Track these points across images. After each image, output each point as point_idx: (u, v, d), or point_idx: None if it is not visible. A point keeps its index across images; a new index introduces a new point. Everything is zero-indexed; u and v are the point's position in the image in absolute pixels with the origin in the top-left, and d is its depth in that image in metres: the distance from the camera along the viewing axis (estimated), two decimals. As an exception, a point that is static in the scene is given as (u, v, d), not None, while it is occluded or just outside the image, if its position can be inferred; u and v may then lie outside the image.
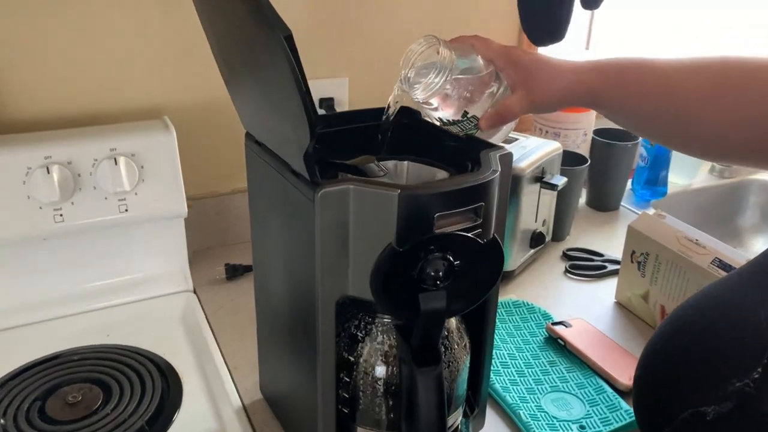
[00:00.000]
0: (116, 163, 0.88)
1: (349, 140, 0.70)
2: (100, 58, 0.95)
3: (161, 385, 0.79)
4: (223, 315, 0.95)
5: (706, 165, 1.47)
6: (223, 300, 0.98)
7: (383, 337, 0.61)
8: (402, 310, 0.55)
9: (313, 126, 0.47)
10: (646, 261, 0.94)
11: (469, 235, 0.53)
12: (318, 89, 1.11)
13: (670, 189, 1.36)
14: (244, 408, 0.77)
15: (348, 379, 0.61)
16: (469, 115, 0.67)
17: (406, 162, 0.68)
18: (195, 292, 1.00)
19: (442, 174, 0.66)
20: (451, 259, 0.52)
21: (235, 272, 1.03)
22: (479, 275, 0.56)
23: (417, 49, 0.64)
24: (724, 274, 0.83)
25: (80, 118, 0.96)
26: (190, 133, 1.03)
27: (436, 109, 0.67)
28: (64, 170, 0.86)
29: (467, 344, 0.65)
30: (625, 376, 0.82)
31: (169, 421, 0.74)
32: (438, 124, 0.68)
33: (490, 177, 0.55)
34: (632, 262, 0.97)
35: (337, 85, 1.13)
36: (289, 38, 0.44)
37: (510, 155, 0.61)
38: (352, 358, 0.61)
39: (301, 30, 1.05)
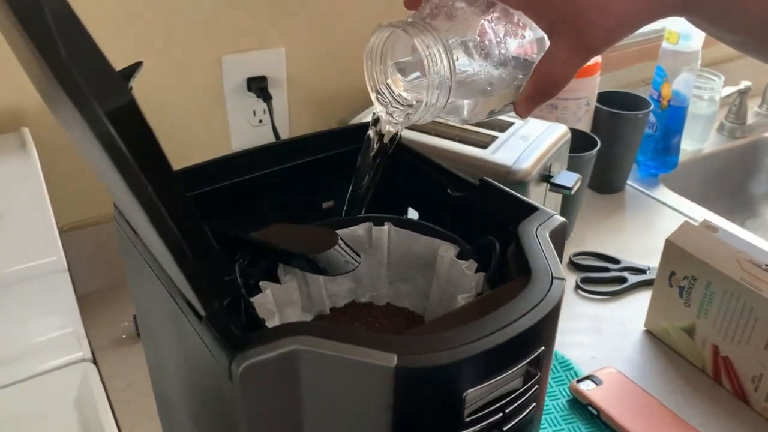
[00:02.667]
0: (-54, 209, 0.59)
1: (292, 192, 0.44)
2: None
3: None
4: (132, 396, 0.69)
5: (716, 123, 1.25)
6: (132, 371, 0.72)
7: None
8: None
9: (206, 298, 0.21)
10: (693, 287, 0.72)
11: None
12: (245, 66, 0.83)
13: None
14: None
15: None
16: (496, 111, 0.42)
17: (386, 226, 0.42)
18: (94, 359, 0.73)
19: (447, 250, 0.40)
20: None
21: (148, 325, 0.77)
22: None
23: (376, 51, 0.38)
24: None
25: None
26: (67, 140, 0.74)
27: (446, 119, 0.42)
28: None
29: None
30: (687, 462, 0.61)
31: None
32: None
33: (555, 298, 0.31)
34: (671, 285, 0.74)
35: (271, 59, 0.84)
36: (124, 112, 0.17)
37: (564, 226, 0.37)
38: None
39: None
